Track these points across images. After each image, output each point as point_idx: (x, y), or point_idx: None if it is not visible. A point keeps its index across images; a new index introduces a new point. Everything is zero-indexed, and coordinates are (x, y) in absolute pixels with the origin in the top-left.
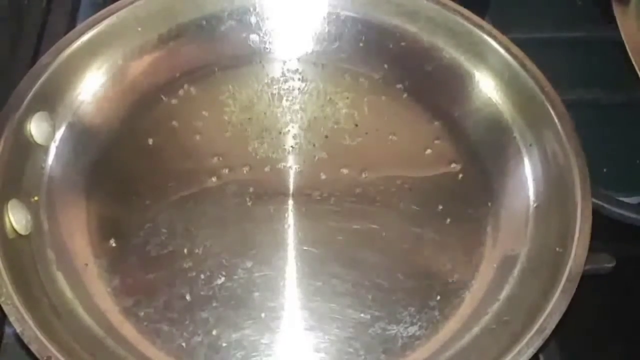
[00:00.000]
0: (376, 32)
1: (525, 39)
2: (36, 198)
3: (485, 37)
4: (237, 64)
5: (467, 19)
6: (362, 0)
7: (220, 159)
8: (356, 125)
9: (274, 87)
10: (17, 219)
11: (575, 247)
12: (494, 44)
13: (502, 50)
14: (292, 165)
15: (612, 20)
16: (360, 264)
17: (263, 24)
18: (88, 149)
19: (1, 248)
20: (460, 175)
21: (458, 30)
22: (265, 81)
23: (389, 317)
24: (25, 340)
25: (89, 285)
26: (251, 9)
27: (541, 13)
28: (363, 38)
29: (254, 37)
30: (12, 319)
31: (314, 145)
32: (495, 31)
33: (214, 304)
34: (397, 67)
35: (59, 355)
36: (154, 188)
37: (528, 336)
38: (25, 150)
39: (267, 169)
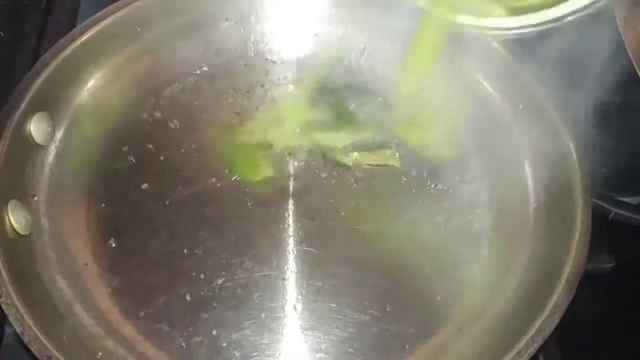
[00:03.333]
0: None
1: (525, 39)
2: (36, 198)
3: (486, 37)
4: (236, 64)
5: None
6: (363, 1)
7: (220, 159)
8: None
9: (273, 87)
10: (17, 219)
11: (575, 247)
12: (494, 43)
13: (502, 50)
14: (292, 165)
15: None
16: (360, 264)
17: (263, 24)
18: (88, 149)
19: (1, 248)
20: (460, 176)
21: (459, 30)
22: (265, 82)
23: (389, 317)
24: (25, 340)
25: (89, 285)
26: (251, 10)
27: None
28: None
29: (254, 37)
30: (12, 319)
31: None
32: (495, 32)
33: (214, 305)
34: None
35: (59, 355)
36: (154, 188)
37: (528, 336)
38: (25, 150)
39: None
